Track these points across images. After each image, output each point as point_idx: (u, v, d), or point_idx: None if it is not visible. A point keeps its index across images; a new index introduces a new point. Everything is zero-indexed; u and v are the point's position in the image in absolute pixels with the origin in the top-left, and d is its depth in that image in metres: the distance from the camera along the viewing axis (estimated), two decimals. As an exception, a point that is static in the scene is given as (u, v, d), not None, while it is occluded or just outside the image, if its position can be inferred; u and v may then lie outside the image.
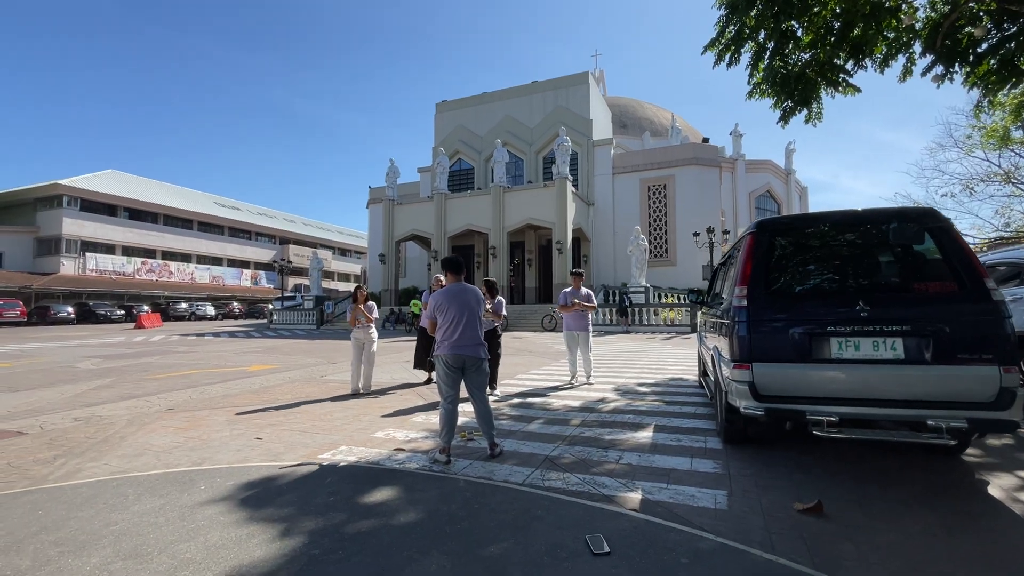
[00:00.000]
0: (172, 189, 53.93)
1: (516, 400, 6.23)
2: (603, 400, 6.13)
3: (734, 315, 3.49)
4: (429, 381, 7.63)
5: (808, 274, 3.57)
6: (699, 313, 7.08)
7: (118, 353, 13.31)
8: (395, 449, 4.11)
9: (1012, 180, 18.00)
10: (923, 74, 6.70)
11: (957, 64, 6.51)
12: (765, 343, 3.34)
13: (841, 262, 3.55)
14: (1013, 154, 17.26)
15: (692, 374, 8.06)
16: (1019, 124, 15.45)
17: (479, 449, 4.08)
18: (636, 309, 21.15)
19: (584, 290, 7.51)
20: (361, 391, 6.83)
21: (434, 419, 5.24)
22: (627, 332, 19.79)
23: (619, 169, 30.23)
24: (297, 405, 6.10)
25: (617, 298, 22.39)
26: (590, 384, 7.25)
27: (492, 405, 5.97)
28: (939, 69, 6.73)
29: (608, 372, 8.64)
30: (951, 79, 6.60)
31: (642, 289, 22.33)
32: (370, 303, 7.23)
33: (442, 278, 8.12)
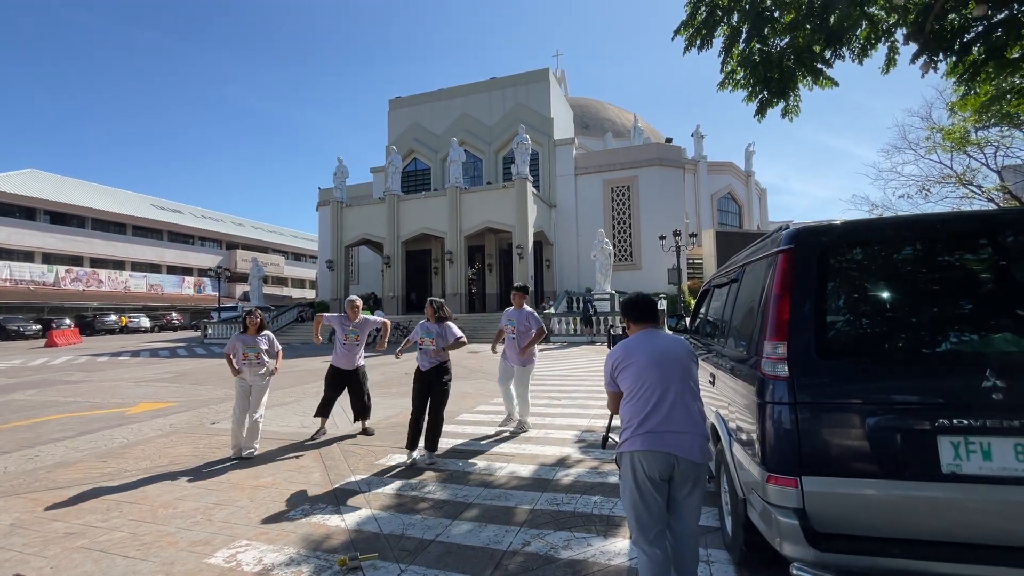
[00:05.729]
0: (102, 190, 49.44)
1: (452, 465, 4.74)
2: (563, 462, 4.71)
3: (764, 390, 2.09)
4: (318, 434, 5.87)
5: (889, 321, 2.12)
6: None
7: (-15, 387, 10.99)
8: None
9: (964, 182, 17.99)
10: (911, 61, 6.33)
11: (943, 53, 6.18)
12: (825, 441, 1.96)
13: (949, 300, 2.13)
14: (967, 156, 17.19)
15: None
16: (981, 125, 15.23)
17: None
18: (601, 317, 19.99)
19: (526, 309, 5.90)
20: (243, 455, 5.12)
21: (329, 521, 3.66)
22: (592, 343, 18.60)
23: (582, 170, 29.16)
24: (142, 484, 4.39)
25: (581, 306, 21.19)
26: (526, 432, 5.68)
27: (417, 476, 4.39)
28: (925, 57, 6.44)
29: (570, 406, 7.25)
30: (935, 68, 6.29)
31: (607, 296, 21.19)
32: (266, 333, 5.47)
33: (357, 301, 6.05)
